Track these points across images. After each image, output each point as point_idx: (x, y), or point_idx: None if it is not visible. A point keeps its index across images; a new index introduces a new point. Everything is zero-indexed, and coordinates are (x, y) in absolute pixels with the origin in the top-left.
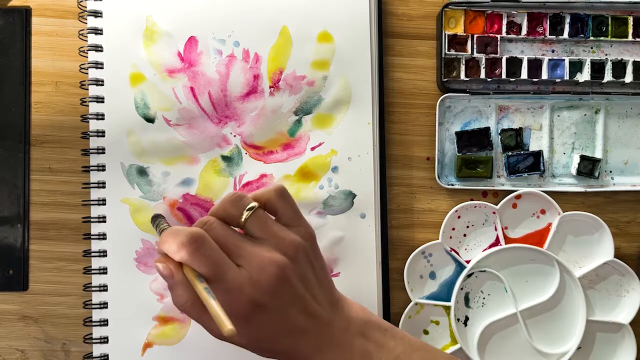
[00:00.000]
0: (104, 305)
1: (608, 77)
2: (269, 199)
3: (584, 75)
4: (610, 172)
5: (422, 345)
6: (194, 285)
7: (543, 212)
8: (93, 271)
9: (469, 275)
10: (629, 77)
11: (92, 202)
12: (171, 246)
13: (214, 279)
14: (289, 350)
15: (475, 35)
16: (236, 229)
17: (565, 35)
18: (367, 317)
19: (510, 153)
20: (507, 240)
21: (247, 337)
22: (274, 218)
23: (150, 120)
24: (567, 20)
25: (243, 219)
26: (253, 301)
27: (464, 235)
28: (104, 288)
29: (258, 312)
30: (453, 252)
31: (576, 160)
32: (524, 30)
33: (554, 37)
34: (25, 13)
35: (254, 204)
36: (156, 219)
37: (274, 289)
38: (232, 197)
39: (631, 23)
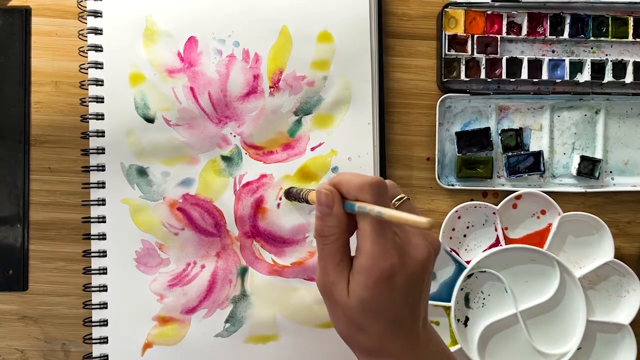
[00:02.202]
0: (103, 305)
1: (608, 77)
2: (408, 198)
3: (584, 76)
4: (611, 172)
5: None
6: (371, 213)
7: (543, 212)
8: (93, 271)
9: (469, 276)
10: (629, 78)
11: (92, 202)
12: (355, 181)
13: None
14: (378, 337)
15: (475, 36)
16: None
17: (566, 35)
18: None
19: (510, 153)
20: (507, 240)
21: (364, 303)
22: None
23: (150, 120)
24: (568, 20)
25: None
26: (393, 271)
27: (464, 235)
28: (103, 288)
29: (388, 285)
30: (453, 253)
31: (576, 160)
32: (524, 31)
33: (554, 37)
34: (25, 13)
35: (403, 195)
36: (291, 189)
37: (414, 270)
38: (383, 183)
39: (631, 23)
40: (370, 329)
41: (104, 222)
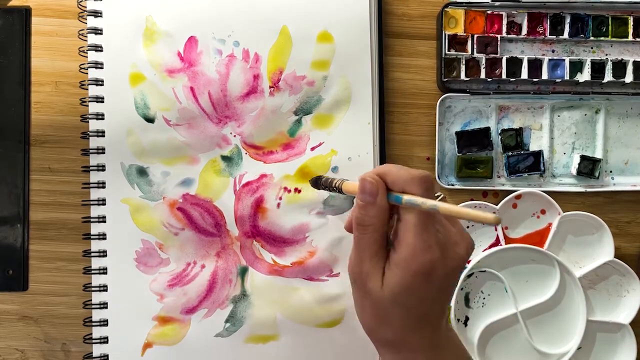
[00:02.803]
0: (103, 305)
1: (608, 77)
2: (445, 196)
3: (584, 75)
4: (611, 172)
5: None
6: (419, 206)
7: (543, 212)
8: (93, 271)
9: (469, 276)
10: (629, 77)
11: (92, 202)
12: (403, 174)
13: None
14: (403, 331)
15: (475, 35)
16: None
17: (566, 35)
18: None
19: (510, 153)
20: (507, 240)
21: (397, 296)
22: None
23: (150, 120)
24: (567, 20)
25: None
26: (433, 266)
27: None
28: (103, 288)
29: (426, 280)
30: None
31: (576, 160)
32: (524, 30)
33: (554, 37)
34: (25, 13)
35: (440, 192)
36: (321, 177)
37: (452, 267)
38: (431, 178)
39: (631, 23)
40: (397, 322)
41: (104, 222)
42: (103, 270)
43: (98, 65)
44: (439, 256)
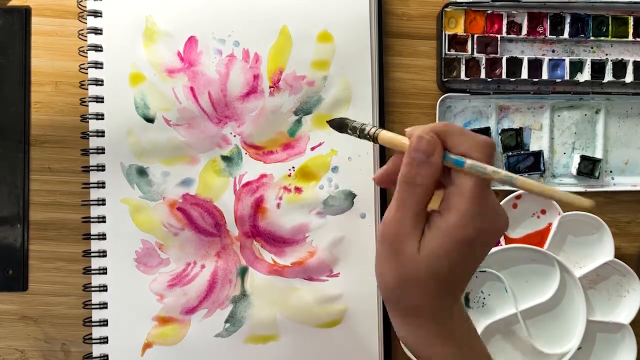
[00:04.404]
0: (103, 305)
1: (608, 77)
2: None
3: (584, 75)
4: (611, 172)
5: None
6: (488, 174)
7: (543, 212)
8: (93, 271)
9: None
10: (629, 77)
11: (92, 202)
12: (466, 137)
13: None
14: (426, 297)
15: (475, 35)
16: None
17: (566, 35)
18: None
19: (510, 153)
20: (508, 240)
21: (434, 260)
22: None
23: (150, 120)
24: (568, 20)
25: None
26: (478, 235)
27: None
28: (103, 288)
29: (468, 248)
30: None
31: (576, 160)
32: (524, 30)
33: (554, 37)
34: (25, 13)
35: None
36: (344, 121)
37: (492, 239)
38: (495, 146)
39: (631, 23)
40: (424, 287)
41: (104, 222)
42: (103, 271)
43: (98, 65)
44: (486, 226)
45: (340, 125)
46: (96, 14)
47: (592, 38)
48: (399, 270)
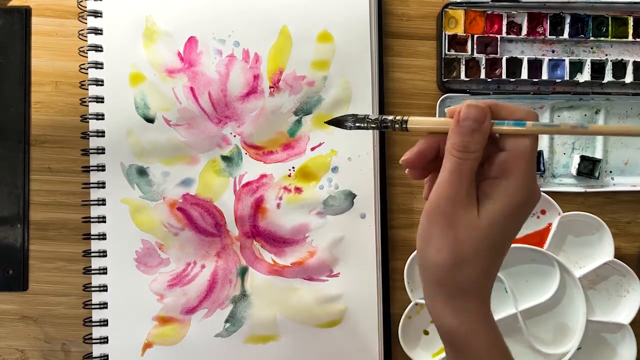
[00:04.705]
0: (103, 305)
1: (608, 77)
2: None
3: (584, 76)
4: (611, 172)
5: None
6: (556, 127)
7: (543, 212)
8: (93, 271)
9: None
10: (629, 78)
11: (92, 202)
12: (512, 106)
13: None
14: (479, 273)
15: (475, 36)
16: None
17: (566, 35)
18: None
19: None
20: None
21: (496, 226)
22: None
23: (150, 120)
24: (567, 20)
25: None
26: (531, 198)
27: None
28: (103, 288)
29: (522, 212)
30: None
31: (576, 160)
32: (524, 31)
33: (554, 37)
34: (25, 13)
35: None
36: (368, 116)
37: (534, 205)
38: (536, 114)
39: (631, 23)
40: (480, 261)
41: (104, 222)
42: (103, 271)
43: (98, 65)
44: (534, 192)
45: (351, 122)
46: (96, 14)
47: (592, 38)
48: (457, 244)
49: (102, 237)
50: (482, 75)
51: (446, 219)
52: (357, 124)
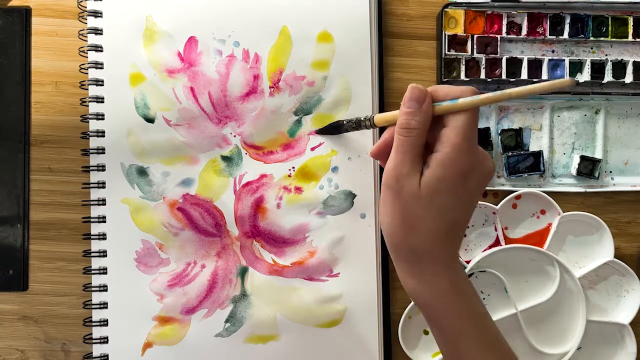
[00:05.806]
0: (103, 305)
1: (608, 77)
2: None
3: (584, 76)
4: (610, 172)
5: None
6: (481, 100)
7: (543, 212)
8: (93, 271)
9: (469, 276)
10: (629, 78)
11: (92, 202)
12: (451, 88)
13: None
14: (431, 239)
15: (475, 36)
16: None
17: (566, 35)
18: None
19: (510, 153)
20: (507, 240)
21: (434, 195)
22: None
23: (150, 120)
24: (567, 20)
25: None
26: (471, 169)
27: (464, 235)
28: (103, 288)
29: (463, 182)
30: None
31: (576, 160)
32: (524, 31)
33: (554, 37)
34: (25, 13)
35: None
36: (341, 122)
37: (484, 177)
38: (476, 89)
39: (631, 23)
40: (428, 227)
41: (104, 222)
42: (103, 270)
43: (98, 65)
44: (478, 161)
45: (336, 127)
46: (96, 14)
47: (591, 38)
48: (403, 211)
49: (102, 237)
50: (482, 76)
51: (393, 191)
52: (343, 129)
